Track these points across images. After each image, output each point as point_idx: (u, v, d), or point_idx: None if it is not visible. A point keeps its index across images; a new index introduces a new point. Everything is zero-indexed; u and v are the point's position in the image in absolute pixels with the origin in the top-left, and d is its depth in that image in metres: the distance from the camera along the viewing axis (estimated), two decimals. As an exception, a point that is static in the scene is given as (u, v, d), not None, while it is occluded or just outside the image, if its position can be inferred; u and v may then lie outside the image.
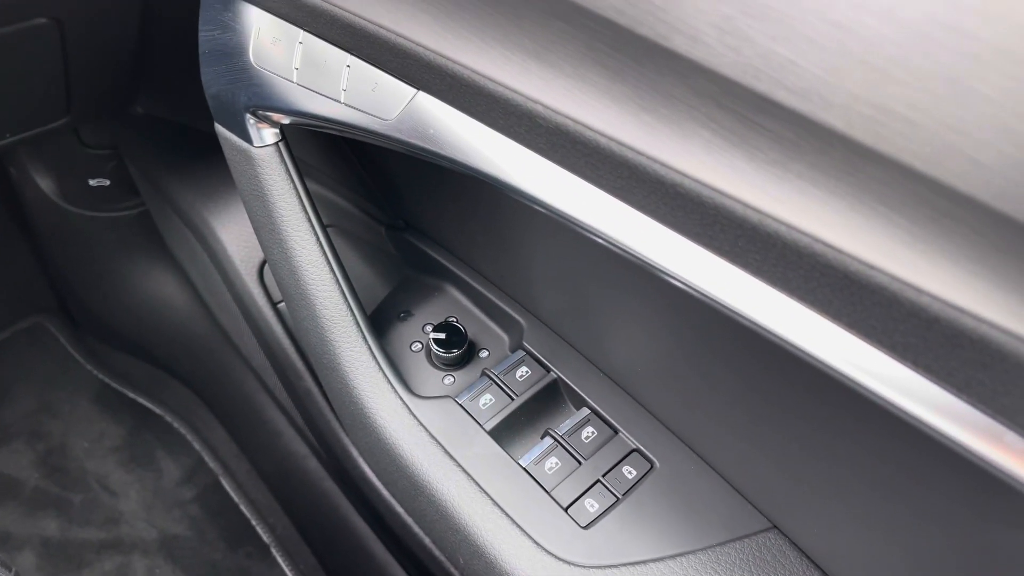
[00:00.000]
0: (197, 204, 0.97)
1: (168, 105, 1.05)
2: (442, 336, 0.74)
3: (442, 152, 0.57)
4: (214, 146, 0.75)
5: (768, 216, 0.39)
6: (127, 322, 1.39)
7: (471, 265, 0.80)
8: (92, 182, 1.21)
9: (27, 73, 0.86)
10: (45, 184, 1.24)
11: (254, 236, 0.95)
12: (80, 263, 1.37)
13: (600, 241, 0.50)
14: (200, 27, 0.72)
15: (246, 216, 0.96)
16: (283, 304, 0.94)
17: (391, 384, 0.70)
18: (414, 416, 0.68)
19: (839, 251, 0.37)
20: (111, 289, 1.36)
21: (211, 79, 0.71)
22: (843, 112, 0.34)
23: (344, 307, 0.70)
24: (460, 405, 0.69)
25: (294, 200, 0.69)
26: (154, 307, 1.33)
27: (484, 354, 0.76)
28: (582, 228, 0.50)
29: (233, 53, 0.69)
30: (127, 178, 1.20)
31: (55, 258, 1.40)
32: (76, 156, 1.18)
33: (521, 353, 0.73)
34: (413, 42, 0.54)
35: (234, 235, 0.95)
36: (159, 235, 1.20)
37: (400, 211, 0.86)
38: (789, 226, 0.38)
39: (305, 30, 0.63)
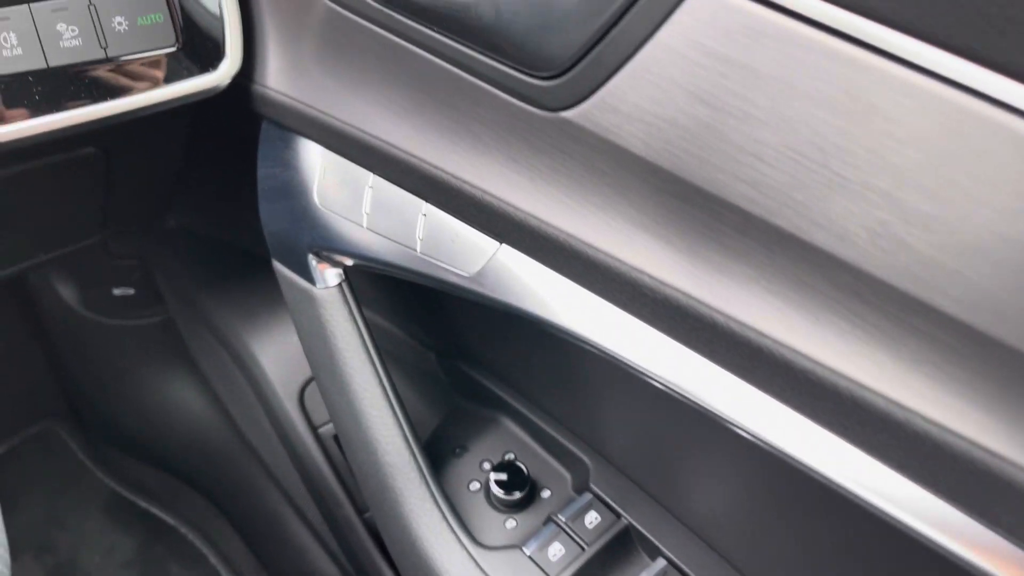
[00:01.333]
0: (235, 324, 0.95)
1: (202, 220, 1.03)
2: (503, 477, 0.71)
3: (528, 310, 0.55)
4: (249, 263, 0.73)
5: (917, 415, 0.37)
6: (141, 428, 1.34)
7: (528, 397, 0.78)
8: (116, 291, 1.18)
9: (68, 198, 0.85)
10: (66, 292, 1.21)
11: (294, 360, 0.92)
12: (95, 368, 1.34)
13: (708, 414, 0.48)
14: (260, 163, 0.70)
15: (286, 339, 0.93)
16: (324, 429, 0.91)
17: (456, 535, 0.67)
18: (483, 571, 0.65)
19: (1009, 463, 0.35)
20: (126, 394, 1.33)
21: (271, 217, 0.70)
22: (1019, 328, 0.33)
23: (407, 454, 0.67)
24: (530, 558, 0.66)
25: (358, 344, 0.67)
26: (171, 413, 1.30)
27: (546, 494, 0.73)
28: (690, 400, 0.48)
29: (296, 192, 0.67)
30: (152, 287, 1.18)
31: (68, 362, 1.37)
32: (101, 266, 1.16)
33: (588, 496, 0.70)
34: (503, 201, 0.53)
35: (273, 358, 0.92)
36: (180, 343, 1.17)
37: (451, 337, 0.83)
38: (945, 429, 0.37)
39: (376, 174, 0.62)
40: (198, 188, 0.98)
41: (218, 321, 0.98)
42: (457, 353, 0.83)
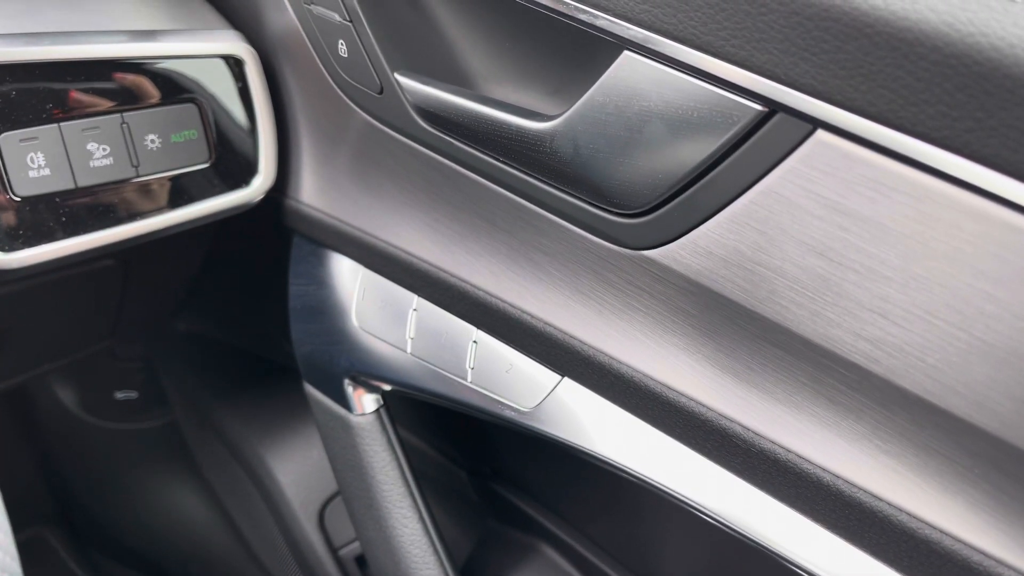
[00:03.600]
0: (250, 436, 0.90)
1: (214, 325, 0.99)
2: (549, 613, 0.66)
3: (590, 450, 0.52)
4: (262, 369, 0.68)
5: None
6: (137, 536, 1.27)
7: (570, 522, 0.73)
8: (119, 395, 1.13)
9: (81, 308, 0.81)
10: (65, 395, 1.16)
11: (314, 476, 0.87)
12: (91, 472, 1.27)
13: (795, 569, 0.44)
14: (292, 280, 0.67)
15: (305, 454, 0.88)
16: (344, 551, 0.85)
17: None
18: None
19: None
20: (123, 500, 1.26)
21: (304, 337, 0.66)
22: None
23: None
24: None
25: (395, 474, 0.63)
26: (170, 522, 1.23)
27: (594, 631, 0.68)
28: (779, 556, 0.44)
29: (332, 313, 0.64)
30: (156, 391, 1.13)
31: (62, 466, 1.30)
32: (104, 370, 1.11)
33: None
34: (567, 334, 0.49)
35: (292, 474, 0.87)
36: (183, 448, 1.12)
37: (486, 457, 0.79)
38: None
39: (422, 297, 0.59)
40: (212, 293, 0.95)
41: (231, 432, 0.93)
42: (491, 473, 0.79)
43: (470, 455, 0.81)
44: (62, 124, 0.56)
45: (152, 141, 0.59)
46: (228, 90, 0.62)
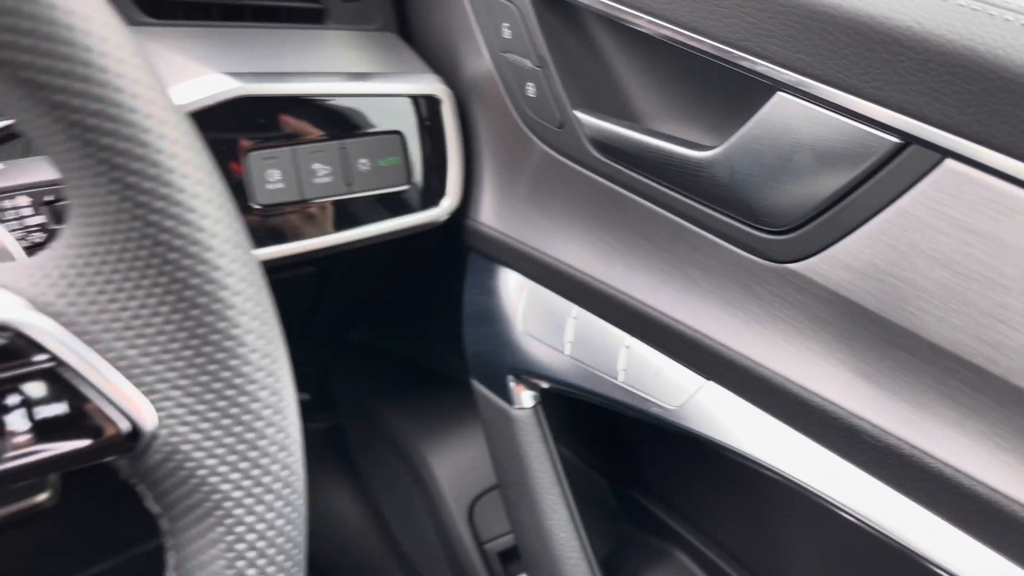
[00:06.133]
0: (413, 436, 1.00)
1: (383, 335, 1.11)
2: (681, 612, 0.72)
3: (730, 445, 0.57)
4: (427, 378, 0.77)
5: None
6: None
7: (706, 532, 0.78)
8: (293, 395, 1.26)
9: (280, 310, 0.93)
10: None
11: (468, 474, 0.96)
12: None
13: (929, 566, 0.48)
14: (467, 291, 0.77)
15: (461, 453, 0.97)
16: (489, 546, 0.93)
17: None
18: None
19: None
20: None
21: (475, 340, 0.75)
22: None
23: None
24: None
25: (549, 466, 0.70)
26: (324, 518, 1.35)
27: (723, 634, 0.73)
28: (911, 551, 0.48)
29: (500, 318, 0.73)
30: (326, 394, 1.25)
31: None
32: (285, 371, 1.24)
33: (768, 640, 0.70)
34: (715, 341, 0.56)
35: (448, 470, 0.96)
36: (343, 450, 1.23)
37: (628, 465, 0.86)
38: None
39: (581, 307, 0.67)
40: (385, 308, 1.06)
41: (396, 432, 1.03)
42: (632, 482, 0.85)
43: (614, 465, 0.87)
44: (296, 147, 0.68)
45: (363, 164, 0.71)
46: (426, 124, 0.73)
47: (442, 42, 0.73)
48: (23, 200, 0.42)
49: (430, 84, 0.72)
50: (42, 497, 0.71)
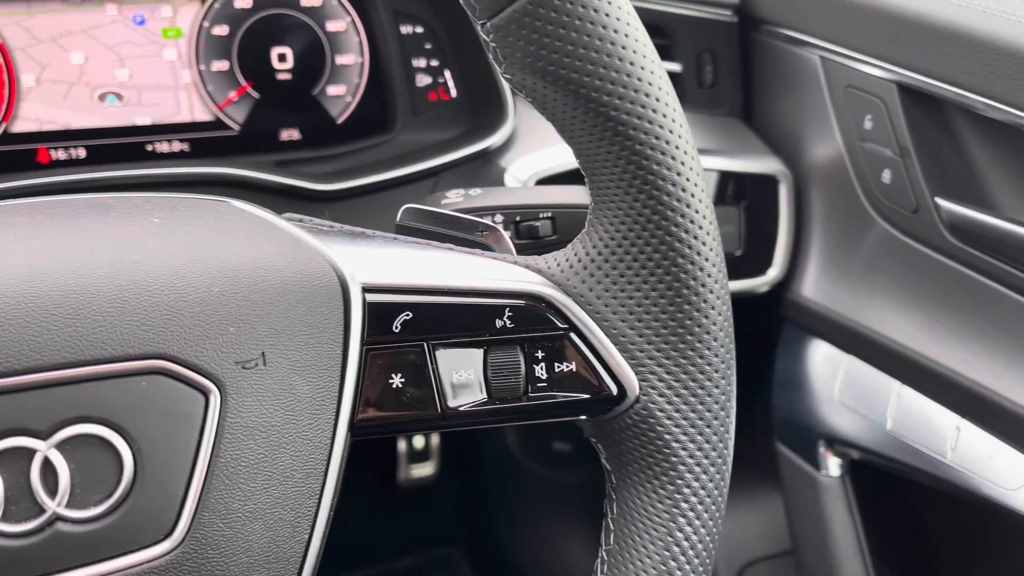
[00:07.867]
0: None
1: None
2: None
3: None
4: None
5: None
6: (528, 571, 1.46)
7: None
8: (556, 445, 1.35)
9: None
10: (511, 438, 1.40)
11: (741, 542, 0.98)
12: (509, 509, 1.49)
13: None
14: (778, 358, 0.81)
15: (735, 516, 1.00)
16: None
17: None
18: None
19: None
20: (526, 537, 1.46)
21: (784, 404, 0.79)
22: None
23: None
24: None
25: (852, 535, 0.72)
26: (556, 564, 1.40)
27: None
28: None
29: (812, 387, 0.77)
30: (586, 447, 1.32)
31: (485, 498, 1.54)
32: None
33: None
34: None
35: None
36: (596, 506, 1.28)
37: (916, 555, 0.85)
38: None
39: (909, 385, 0.69)
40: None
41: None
42: (920, 571, 0.84)
43: (901, 557, 0.87)
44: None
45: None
46: (762, 200, 0.79)
47: (788, 128, 0.80)
48: (499, 218, 0.52)
49: (771, 164, 0.79)
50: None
